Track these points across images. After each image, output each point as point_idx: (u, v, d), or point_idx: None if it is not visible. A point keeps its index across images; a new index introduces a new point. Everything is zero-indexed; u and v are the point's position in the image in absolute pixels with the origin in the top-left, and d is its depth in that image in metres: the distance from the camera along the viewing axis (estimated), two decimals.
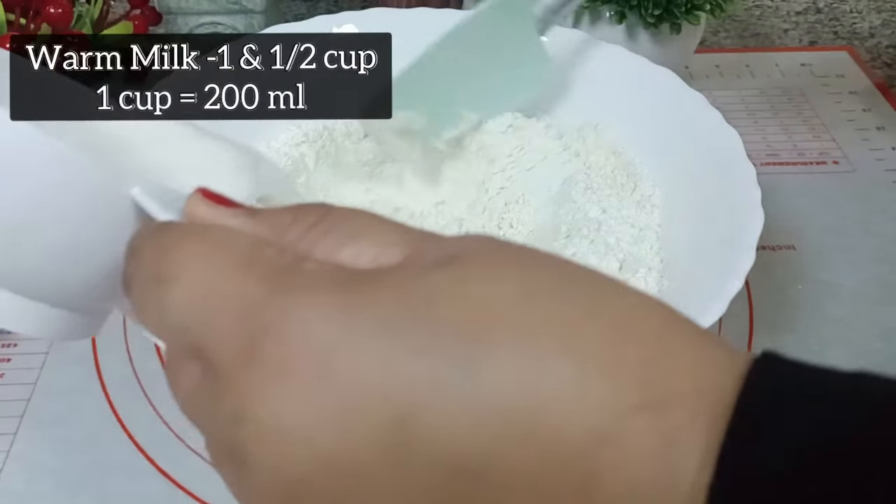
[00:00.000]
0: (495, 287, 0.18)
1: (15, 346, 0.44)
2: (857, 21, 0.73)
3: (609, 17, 0.53)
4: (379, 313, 0.18)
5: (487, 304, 0.18)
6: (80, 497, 0.38)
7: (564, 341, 0.17)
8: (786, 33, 0.71)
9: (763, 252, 0.50)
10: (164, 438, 0.40)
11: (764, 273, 0.49)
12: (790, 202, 0.54)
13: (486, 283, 0.18)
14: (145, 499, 0.38)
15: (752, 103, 0.63)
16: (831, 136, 0.60)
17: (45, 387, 0.42)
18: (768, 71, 0.66)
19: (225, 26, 0.58)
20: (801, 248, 0.51)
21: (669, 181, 0.42)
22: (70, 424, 0.41)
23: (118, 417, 0.41)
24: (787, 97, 0.63)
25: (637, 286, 0.38)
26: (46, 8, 0.51)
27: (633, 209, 0.42)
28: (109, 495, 0.38)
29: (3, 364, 0.43)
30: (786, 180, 0.56)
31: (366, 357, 0.17)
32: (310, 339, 0.18)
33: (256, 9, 0.58)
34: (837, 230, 0.52)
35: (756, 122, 0.61)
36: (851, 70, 0.66)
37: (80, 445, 0.40)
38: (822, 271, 0.49)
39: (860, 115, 0.61)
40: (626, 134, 0.45)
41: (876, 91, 0.64)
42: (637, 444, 0.17)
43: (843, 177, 0.56)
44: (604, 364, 0.17)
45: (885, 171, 0.57)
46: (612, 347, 0.17)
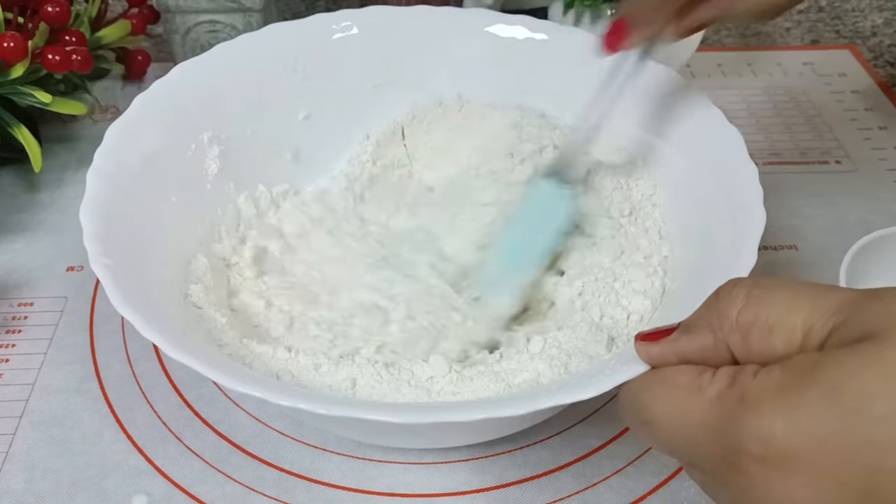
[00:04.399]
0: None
1: (14, 347, 0.44)
2: (859, 20, 0.73)
3: (610, 15, 0.53)
4: (815, 413, 0.21)
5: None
6: (80, 497, 0.38)
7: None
8: (788, 32, 0.71)
9: (765, 252, 0.50)
10: (164, 438, 0.40)
11: (766, 273, 0.48)
12: (792, 202, 0.54)
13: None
14: (144, 499, 0.38)
15: (754, 102, 0.62)
16: (833, 136, 0.59)
17: (43, 387, 0.42)
18: (770, 70, 0.66)
19: (223, 24, 0.58)
20: (802, 248, 0.51)
21: (670, 181, 0.42)
22: (69, 425, 0.41)
23: (117, 418, 0.41)
24: (789, 96, 0.63)
25: (639, 288, 0.38)
26: (44, 7, 0.51)
27: (635, 208, 0.42)
28: (109, 495, 0.38)
29: (2, 365, 0.43)
30: (788, 180, 0.55)
31: (827, 438, 0.21)
32: (770, 447, 0.22)
33: (254, 7, 0.57)
34: (839, 230, 0.51)
35: (758, 121, 0.61)
36: (854, 69, 0.66)
37: (79, 445, 0.40)
38: (824, 271, 0.49)
39: (862, 115, 0.61)
40: (627, 133, 0.44)
41: (878, 90, 0.64)
42: None
43: (846, 176, 0.56)
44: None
45: (887, 170, 0.56)
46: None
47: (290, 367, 0.35)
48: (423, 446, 0.39)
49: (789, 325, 0.24)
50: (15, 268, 0.48)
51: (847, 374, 0.21)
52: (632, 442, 0.40)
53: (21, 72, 0.48)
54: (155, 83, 0.43)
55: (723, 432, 0.23)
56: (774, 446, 0.21)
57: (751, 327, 0.24)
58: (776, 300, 0.24)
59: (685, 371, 0.25)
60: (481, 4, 0.61)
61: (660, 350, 0.27)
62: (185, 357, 0.30)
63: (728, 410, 0.23)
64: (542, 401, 0.29)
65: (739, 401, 0.23)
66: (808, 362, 0.22)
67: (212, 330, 0.37)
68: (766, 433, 0.22)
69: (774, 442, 0.21)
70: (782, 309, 0.24)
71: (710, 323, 0.25)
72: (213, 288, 0.40)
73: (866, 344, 0.21)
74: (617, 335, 0.37)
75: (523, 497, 0.38)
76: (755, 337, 0.24)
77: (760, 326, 0.24)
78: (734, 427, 0.22)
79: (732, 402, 0.23)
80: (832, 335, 0.23)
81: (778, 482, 0.22)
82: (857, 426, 0.21)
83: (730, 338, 0.25)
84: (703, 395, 0.24)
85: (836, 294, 0.23)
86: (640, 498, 0.38)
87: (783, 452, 0.21)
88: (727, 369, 0.24)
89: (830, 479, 0.21)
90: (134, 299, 0.33)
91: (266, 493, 0.38)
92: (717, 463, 0.23)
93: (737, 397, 0.23)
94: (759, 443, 0.22)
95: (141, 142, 0.40)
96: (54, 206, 0.52)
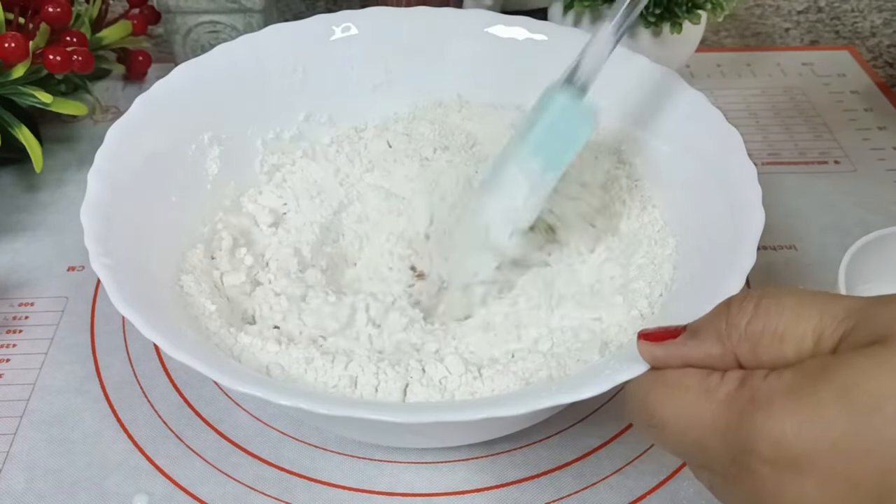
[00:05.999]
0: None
1: (14, 347, 0.44)
2: (858, 20, 0.73)
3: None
4: (827, 414, 0.21)
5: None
6: (80, 497, 0.38)
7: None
8: (787, 32, 0.71)
9: (764, 252, 0.50)
10: (164, 438, 0.40)
11: (765, 273, 0.49)
12: (791, 202, 0.54)
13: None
14: (145, 499, 0.38)
15: (754, 103, 0.62)
16: (832, 136, 0.59)
17: (44, 387, 0.42)
18: (769, 70, 0.66)
19: (223, 25, 0.58)
20: (802, 249, 0.51)
21: (670, 181, 0.42)
22: (69, 424, 0.41)
23: (118, 417, 0.41)
24: (788, 96, 0.63)
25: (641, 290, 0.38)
26: (45, 7, 0.51)
27: (635, 209, 0.42)
28: (109, 495, 0.38)
29: (3, 364, 0.43)
30: (787, 180, 0.56)
31: (839, 438, 0.21)
32: (782, 448, 0.22)
33: (255, 7, 0.57)
34: (839, 230, 0.51)
35: (757, 121, 0.61)
36: (853, 69, 0.66)
37: (80, 445, 0.40)
38: (823, 271, 0.49)
39: (861, 115, 0.61)
40: (627, 133, 0.45)
41: (877, 90, 0.64)
42: None
43: (845, 176, 0.56)
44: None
45: (886, 170, 0.56)
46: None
47: (280, 360, 0.35)
48: (423, 446, 0.39)
49: (799, 334, 0.24)
50: (15, 268, 0.48)
51: (859, 376, 0.21)
52: (632, 442, 0.40)
53: (22, 72, 0.48)
54: (156, 84, 0.43)
55: (733, 434, 0.23)
56: (786, 447, 0.22)
57: (760, 337, 0.24)
58: (785, 309, 0.24)
59: (692, 374, 0.25)
60: (481, 5, 0.61)
61: (664, 353, 0.27)
62: (186, 357, 0.30)
63: (738, 412, 0.23)
64: (542, 401, 0.29)
65: (750, 402, 0.23)
66: (820, 365, 0.22)
67: (199, 317, 0.37)
68: (778, 434, 0.22)
69: (786, 443, 0.22)
70: (792, 318, 0.24)
71: (719, 332, 0.25)
72: (204, 275, 0.40)
73: (878, 347, 0.21)
74: (614, 336, 0.37)
75: (523, 497, 0.38)
76: (765, 346, 0.24)
77: (770, 336, 0.24)
78: (745, 428, 0.23)
79: (743, 404, 0.23)
80: (843, 341, 0.23)
81: (790, 483, 0.22)
82: (869, 427, 0.21)
83: (739, 347, 0.25)
84: (713, 397, 0.24)
85: (844, 301, 0.24)
86: (640, 497, 0.38)
87: (795, 453, 0.21)
88: (736, 372, 0.24)
89: (843, 480, 0.21)
90: (134, 299, 0.33)
91: (266, 492, 0.38)
92: (728, 464, 0.23)
93: (747, 399, 0.23)
94: (770, 444, 0.22)
95: (142, 142, 0.40)
96: (55, 206, 0.52)
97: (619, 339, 0.36)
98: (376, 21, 0.48)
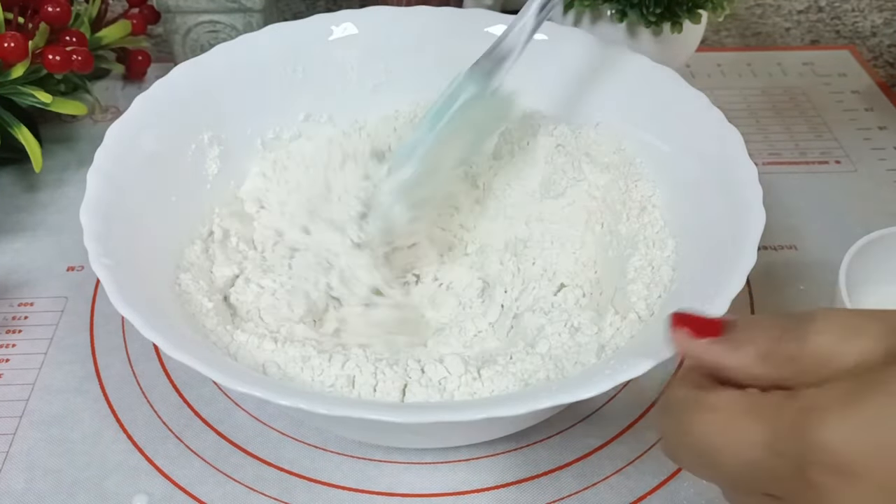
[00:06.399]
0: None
1: (14, 347, 0.44)
2: (858, 20, 0.73)
3: (610, 15, 0.53)
4: (885, 418, 0.21)
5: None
6: (80, 497, 0.38)
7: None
8: (787, 32, 0.71)
9: (764, 252, 0.50)
10: (164, 438, 0.40)
11: (765, 273, 0.48)
12: (792, 202, 0.54)
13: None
14: (145, 499, 0.38)
15: (754, 102, 0.62)
16: (833, 136, 0.59)
17: (43, 387, 0.42)
18: (770, 70, 0.66)
19: (223, 25, 0.58)
20: (802, 248, 0.51)
21: (670, 181, 0.42)
22: (69, 425, 0.41)
23: (117, 417, 0.41)
24: (788, 96, 0.63)
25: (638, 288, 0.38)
26: (45, 7, 0.51)
27: (634, 209, 0.42)
28: (108, 495, 0.38)
29: (2, 364, 0.43)
30: (787, 180, 0.55)
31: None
32: (839, 455, 0.21)
33: (255, 7, 0.57)
34: (839, 230, 0.51)
35: (758, 121, 0.61)
36: (853, 69, 0.66)
37: (80, 445, 0.40)
38: (824, 271, 0.49)
39: (862, 115, 0.61)
40: (627, 133, 0.44)
41: (878, 90, 0.64)
42: None
43: (845, 176, 0.56)
44: None
45: (887, 170, 0.56)
46: None
47: (276, 359, 0.35)
48: (423, 446, 0.39)
49: (845, 354, 0.23)
50: (15, 268, 0.48)
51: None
52: (632, 442, 0.40)
53: (21, 72, 0.48)
54: (155, 83, 0.43)
55: (788, 445, 0.22)
56: (843, 455, 0.21)
57: (806, 360, 0.24)
58: (828, 331, 0.24)
59: (725, 393, 0.24)
60: (481, 5, 0.61)
61: (699, 350, 0.26)
62: (186, 357, 0.30)
63: (790, 423, 0.22)
64: (542, 401, 0.29)
65: (801, 412, 0.22)
66: (873, 373, 0.22)
67: (196, 315, 0.37)
68: (835, 441, 0.21)
69: (843, 450, 0.21)
70: (835, 340, 0.24)
71: (762, 354, 0.25)
72: (201, 272, 0.40)
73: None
74: (612, 337, 0.37)
75: (523, 497, 0.38)
76: (809, 372, 0.24)
77: (816, 358, 0.24)
78: (800, 439, 0.22)
79: (794, 415, 0.22)
80: (889, 353, 0.23)
81: (850, 490, 0.21)
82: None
83: (782, 370, 0.24)
84: (759, 412, 0.23)
85: (886, 317, 0.23)
86: (640, 498, 0.38)
87: (853, 459, 0.21)
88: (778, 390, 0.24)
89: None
90: (134, 299, 0.33)
91: (266, 492, 0.38)
92: (787, 481, 0.23)
93: (797, 408, 0.22)
94: (828, 451, 0.21)
95: (141, 142, 0.40)
96: (54, 206, 0.52)
97: (616, 342, 0.36)
98: (376, 21, 0.48)
